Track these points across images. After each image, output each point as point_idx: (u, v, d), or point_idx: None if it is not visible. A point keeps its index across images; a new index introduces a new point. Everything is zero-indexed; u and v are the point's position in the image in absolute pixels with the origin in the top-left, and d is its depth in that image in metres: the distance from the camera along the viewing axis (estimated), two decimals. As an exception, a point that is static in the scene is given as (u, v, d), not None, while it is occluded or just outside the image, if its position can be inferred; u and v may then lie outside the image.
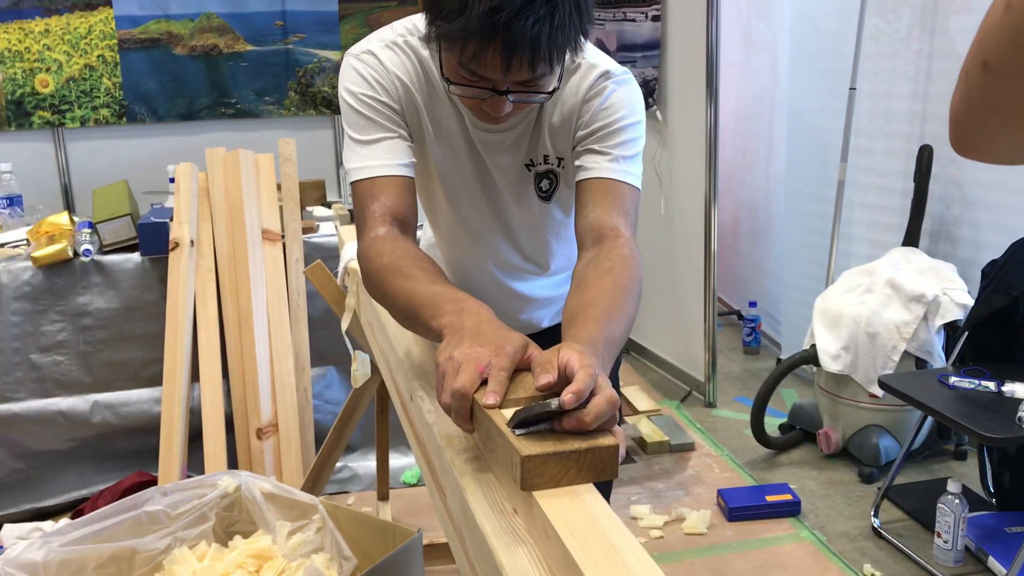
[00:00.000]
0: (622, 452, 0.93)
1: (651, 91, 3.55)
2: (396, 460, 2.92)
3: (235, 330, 2.81)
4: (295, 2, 3.73)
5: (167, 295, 2.75)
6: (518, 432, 0.92)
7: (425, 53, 1.36)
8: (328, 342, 2.98)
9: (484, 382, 1.00)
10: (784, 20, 3.70)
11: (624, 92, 1.37)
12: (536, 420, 0.92)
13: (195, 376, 2.78)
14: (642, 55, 3.58)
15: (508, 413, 0.95)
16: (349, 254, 2.09)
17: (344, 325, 2.05)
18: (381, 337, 1.62)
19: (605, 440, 0.91)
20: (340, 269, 2.15)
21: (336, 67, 3.81)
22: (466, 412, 1.00)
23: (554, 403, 0.90)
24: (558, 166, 1.44)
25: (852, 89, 3.19)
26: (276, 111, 3.81)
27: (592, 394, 0.93)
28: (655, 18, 3.46)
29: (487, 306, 1.15)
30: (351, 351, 2.12)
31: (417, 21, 1.37)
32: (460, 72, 1.20)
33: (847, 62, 3.22)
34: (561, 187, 1.47)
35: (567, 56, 1.19)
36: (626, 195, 1.34)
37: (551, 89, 1.26)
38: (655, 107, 3.53)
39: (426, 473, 1.26)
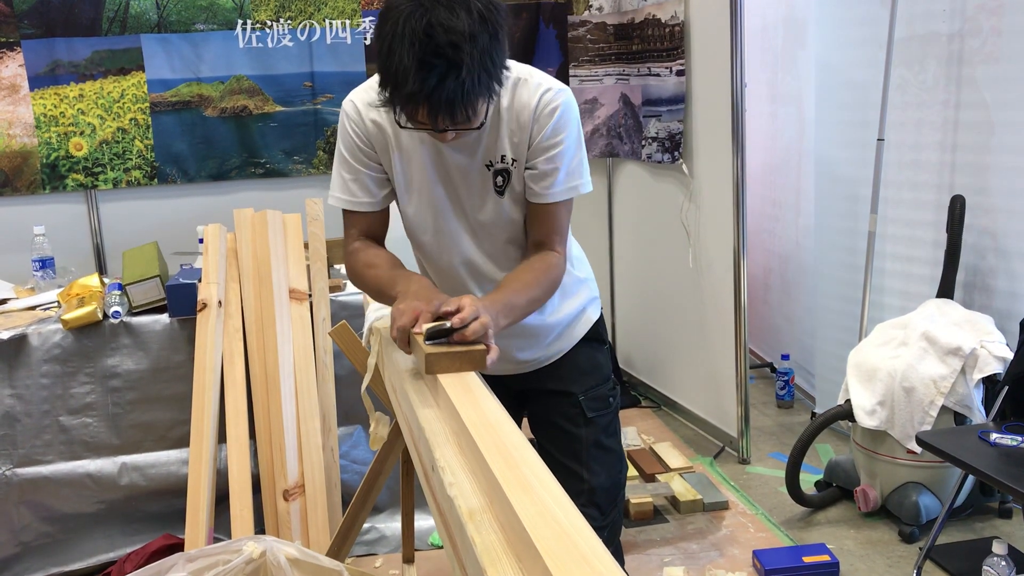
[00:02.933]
0: (492, 358, 1.48)
1: (676, 145, 3.54)
2: (423, 521, 2.88)
3: (262, 390, 2.81)
4: (323, 63, 3.79)
5: (195, 356, 2.76)
6: (428, 343, 1.49)
7: None
8: (355, 401, 2.96)
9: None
10: (809, 72, 3.69)
11: (566, 112, 1.68)
12: (439, 335, 1.49)
13: (222, 437, 2.77)
14: (667, 109, 3.58)
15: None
16: (374, 315, 2.09)
17: (364, 385, 2.04)
18: (404, 404, 1.60)
19: (478, 346, 1.49)
20: (365, 329, 2.14)
21: (364, 126, 3.84)
22: (405, 340, 1.56)
23: (448, 324, 1.48)
24: (512, 165, 1.71)
25: (880, 140, 3.16)
26: (305, 170, 3.86)
27: (476, 320, 1.49)
28: (679, 72, 3.47)
29: (427, 279, 1.71)
30: (371, 412, 2.10)
31: None
32: (407, 121, 1.53)
33: (874, 113, 3.20)
34: (512, 183, 1.73)
35: (485, 102, 1.52)
36: (562, 214, 1.75)
37: (479, 124, 1.56)
38: (681, 160, 3.52)
39: (447, 545, 1.23)
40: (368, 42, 3.80)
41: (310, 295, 2.92)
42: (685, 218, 3.55)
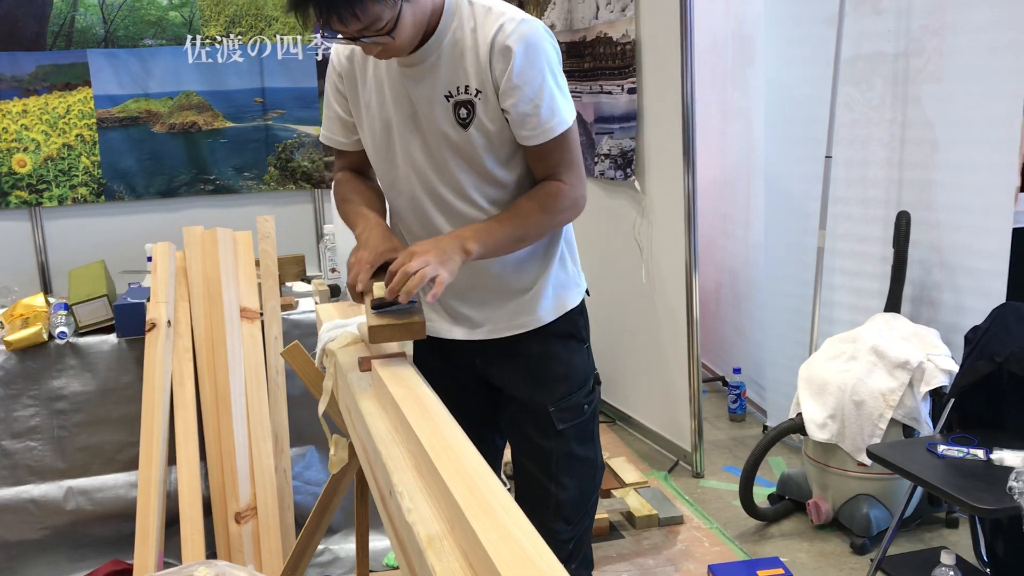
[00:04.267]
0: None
1: (629, 161, 3.57)
2: (377, 542, 2.85)
3: (213, 411, 2.76)
4: (274, 79, 3.76)
5: (144, 377, 2.70)
6: (375, 311, 1.58)
7: None
8: (307, 422, 2.93)
9: (379, 270, 1.64)
10: (758, 89, 3.75)
11: (528, 48, 1.59)
12: (384, 305, 1.58)
13: (172, 459, 2.72)
14: (619, 126, 3.61)
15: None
16: (327, 335, 2.06)
17: (321, 408, 2.01)
18: (360, 426, 1.58)
19: (416, 318, 1.57)
20: (318, 350, 2.11)
21: (315, 142, 3.82)
22: (357, 296, 1.64)
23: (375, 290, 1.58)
24: (476, 97, 1.63)
25: (828, 157, 3.22)
26: (256, 186, 3.82)
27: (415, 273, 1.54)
28: (631, 90, 3.50)
29: (380, 220, 1.74)
30: (328, 435, 2.08)
31: None
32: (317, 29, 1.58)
33: (822, 130, 3.26)
34: (479, 116, 1.65)
35: (375, 4, 1.46)
36: (558, 147, 1.66)
37: (385, 28, 1.50)
38: (633, 177, 3.55)
39: (405, 571, 1.22)
40: (320, 58, 3.78)
41: (261, 314, 2.88)
42: (638, 234, 3.58)
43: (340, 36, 1.53)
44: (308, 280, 3.37)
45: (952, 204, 2.99)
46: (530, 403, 1.84)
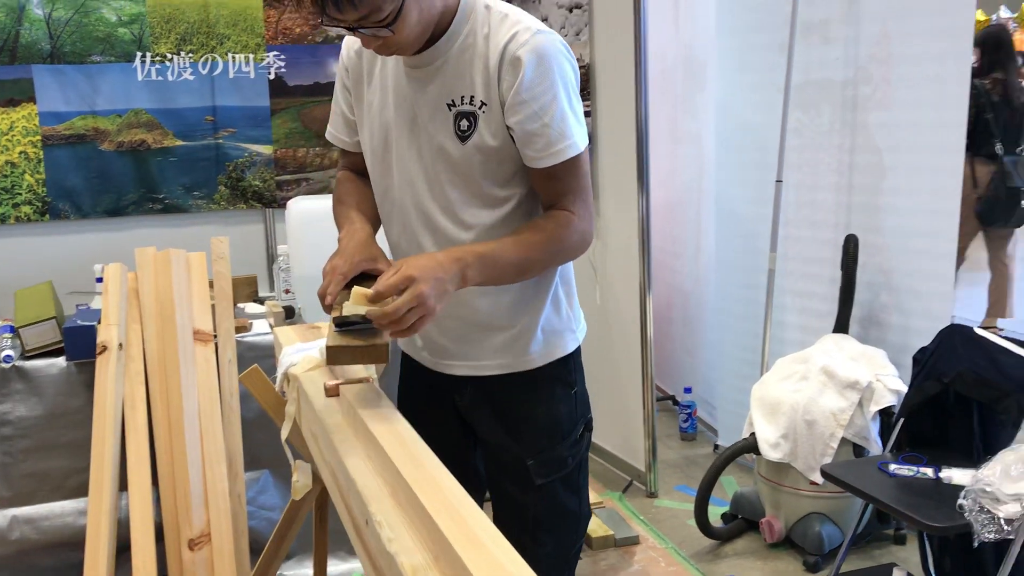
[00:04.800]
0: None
1: (584, 183, 3.60)
2: (334, 567, 2.82)
3: (165, 436, 2.70)
4: (225, 97, 3.71)
5: (94, 401, 2.63)
6: (338, 329, 1.46)
7: None
8: (262, 445, 2.89)
9: (355, 281, 1.52)
10: (708, 113, 3.82)
11: (540, 62, 1.46)
12: (349, 323, 1.44)
13: (123, 485, 2.65)
14: (574, 148, 3.64)
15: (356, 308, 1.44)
16: (288, 359, 2.03)
17: (284, 434, 1.98)
18: (328, 452, 1.56)
19: (379, 340, 1.43)
20: (279, 375, 2.08)
21: (267, 161, 3.79)
22: (327, 305, 1.49)
23: (362, 311, 1.42)
24: (480, 109, 1.51)
25: (779, 182, 3.28)
26: (206, 205, 3.76)
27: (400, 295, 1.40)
28: (585, 114, 3.53)
29: (364, 227, 1.63)
30: (291, 461, 2.05)
31: None
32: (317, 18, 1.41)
33: (772, 155, 3.33)
34: (481, 130, 1.52)
35: None
36: (568, 173, 1.53)
37: (385, 20, 1.39)
38: (588, 199, 3.59)
39: (385, 603, 1.21)
40: (272, 76, 3.74)
41: (215, 336, 2.84)
42: (592, 255, 3.61)
43: (337, 25, 1.42)
44: (261, 301, 3.33)
45: (899, 228, 3.07)
46: (507, 454, 1.71)
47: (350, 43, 1.67)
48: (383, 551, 1.16)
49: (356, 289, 1.46)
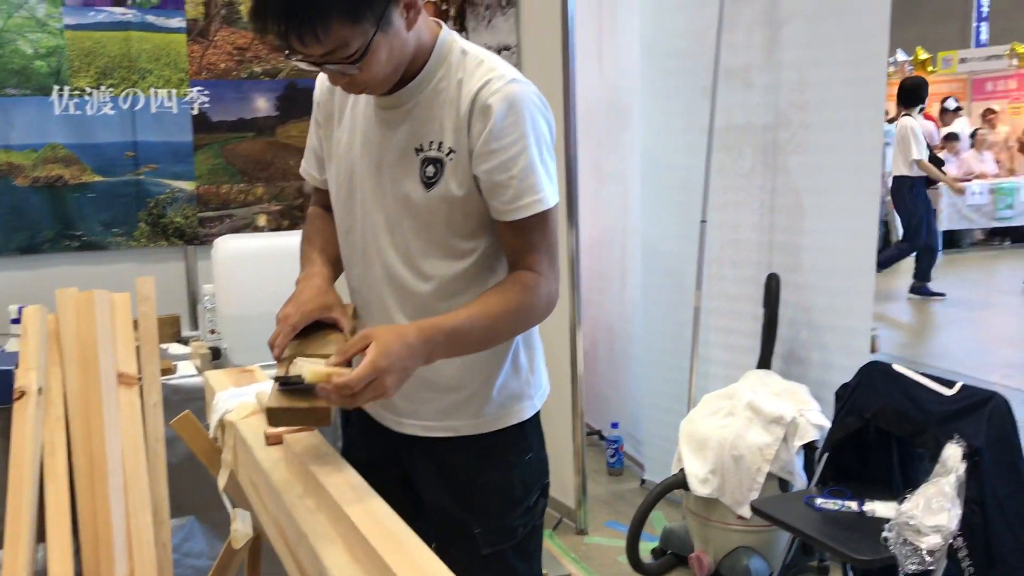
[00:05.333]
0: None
1: (512, 222, 3.63)
2: (266, 616, 2.74)
3: (87, 483, 2.61)
4: (147, 133, 3.63)
5: (11, 448, 2.53)
6: (280, 388, 1.40)
7: None
8: (187, 490, 2.80)
9: (307, 331, 1.50)
10: (633, 154, 3.90)
11: (511, 110, 1.42)
12: (291, 382, 1.39)
13: (41, 536, 2.54)
14: (502, 187, 3.67)
15: (308, 363, 1.38)
16: (223, 406, 1.99)
17: (221, 483, 1.94)
18: (273, 504, 1.53)
19: (321, 403, 1.36)
20: (213, 421, 2.04)
21: (189, 198, 3.72)
22: (276, 356, 1.46)
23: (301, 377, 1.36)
24: (447, 156, 1.47)
25: (703, 222, 3.37)
26: (125, 243, 3.66)
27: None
28: (515, 152, 3.57)
29: (323, 271, 1.60)
30: (230, 509, 2.00)
31: None
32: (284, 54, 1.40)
33: (695, 195, 3.42)
34: (447, 179, 1.47)
35: (348, 26, 1.32)
36: (534, 229, 1.47)
37: (352, 57, 1.36)
38: (517, 237, 3.61)
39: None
40: (195, 111, 3.68)
41: (140, 379, 2.76)
42: (522, 293, 3.63)
43: (302, 59, 1.37)
44: (184, 341, 3.25)
45: (818, 267, 3.18)
46: (453, 520, 1.63)
47: (324, 78, 1.61)
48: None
49: (311, 365, 1.38)
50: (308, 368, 1.36)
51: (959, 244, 11.11)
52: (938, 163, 8.80)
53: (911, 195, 7.65)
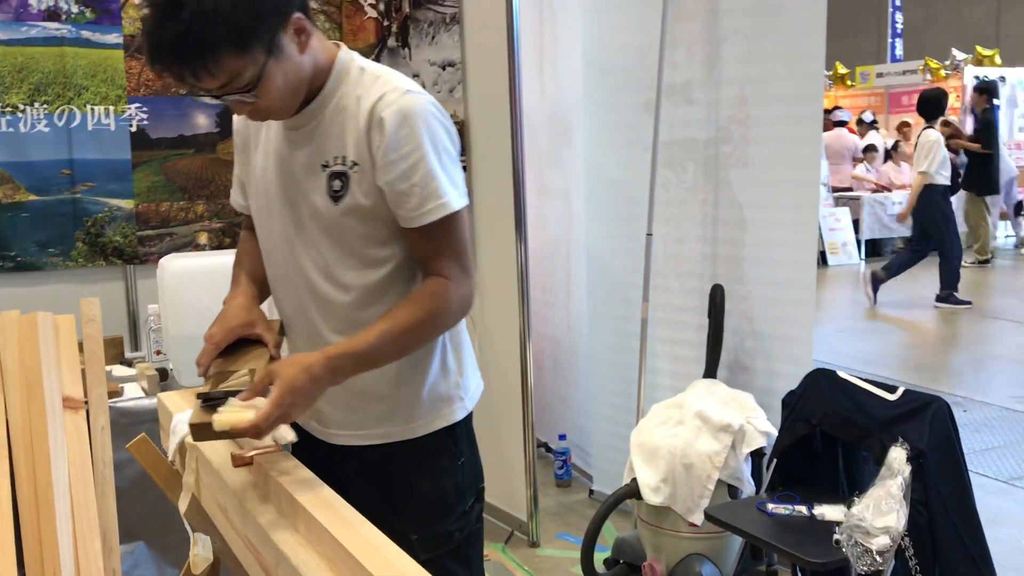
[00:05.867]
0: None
1: (459, 237, 3.65)
2: (222, 641, 2.69)
3: (32, 511, 2.53)
4: (84, 150, 3.56)
5: (-49, 479, 2.44)
6: (203, 405, 1.50)
7: None
8: (137, 516, 2.74)
9: (232, 348, 1.60)
10: (576, 169, 3.95)
11: (406, 121, 1.48)
12: (213, 398, 1.49)
13: (-17, 568, 2.46)
14: (448, 202, 3.68)
15: (225, 411, 1.46)
16: (184, 428, 1.96)
17: (182, 507, 1.91)
18: (247, 527, 1.52)
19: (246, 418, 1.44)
20: (173, 445, 2.01)
21: (128, 216, 3.65)
22: (202, 375, 1.57)
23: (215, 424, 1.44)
24: (352, 169, 1.52)
25: (649, 235, 3.43)
26: (62, 263, 3.58)
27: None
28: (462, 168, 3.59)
29: (247, 290, 1.68)
30: (190, 533, 1.97)
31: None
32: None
33: (639, 209, 3.48)
34: (353, 191, 1.52)
35: (239, 57, 1.39)
36: (440, 234, 1.52)
37: (246, 87, 1.43)
38: (465, 252, 3.63)
39: None
40: (134, 129, 3.62)
41: (86, 402, 2.69)
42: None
43: (203, 93, 1.47)
44: (127, 363, 3.19)
45: (761, 278, 3.26)
46: (389, 528, 1.61)
47: None
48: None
49: (223, 416, 1.47)
50: (216, 419, 1.44)
51: (880, 252, 11.47)
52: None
53: (931, 203, 7.78)
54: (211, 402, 1.49)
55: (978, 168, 10.19)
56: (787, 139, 3.12)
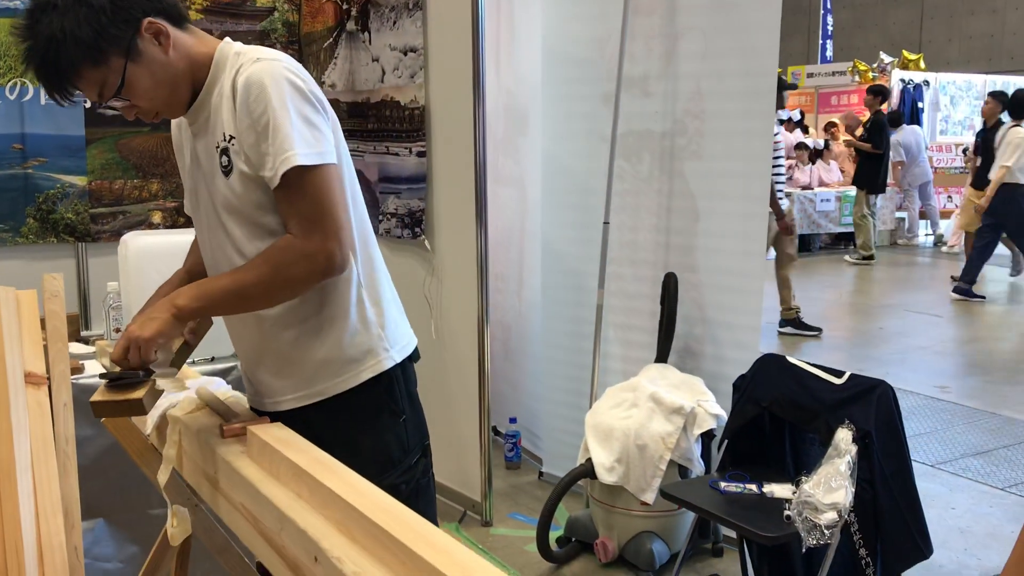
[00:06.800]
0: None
1: (417, 221, 3.69)
2: (187, 616, 2.71)
3: (-7, 488, 2.51)
4: (36, 125, 3.51)
5: (-90, 453, 2.41)
6: (107, 385, 1.66)
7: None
8: (97, 493, 2.74)
9: None
10: (532, 158, 4.02)
11: (259, 87, 1.55)
12: (117, 378, 1.64)
13: (-58, 544, 2.44)
14: (407, 187, 3.72)
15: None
16: (166, 401, 1.98)
17: (163, 479, 1.93)
18: (243, 494, 1.55)
19: (134, 394, 1.59)
20: (152, 419, 2.02)
21: (81, 193, 3.60)
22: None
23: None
24: (230, 142, 1.62)
25: (606, 224, 3.52)
26: (11, 239, 3.52)
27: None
28: (420, 153, 3.63)
29: (173, 282, 1.86)
30: (169, 506, 1.99)
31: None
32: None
33: (595, 198, 3.57)
34: (236, 163, 1.61)
35: (92, 71, 1.52)
36: (288, 191, 1.57)
37: (116, 93, 1.56)
38: (423, 237, 3.67)
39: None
40: (88, 104, 3.57)
41: (48, 378, 2.67)
42: (428, 291, 3.69)
43: (85, 98, 1.60)
44: (84, 341, 3.16)
45: (712, 267, 3.38)
46: None
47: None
48: (347, 584, 1.19)
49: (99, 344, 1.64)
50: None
51: (810, 248, 11.81)
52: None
53: (1013, 199, 8.00)
54: (113, 382, 1.65)
55: (868, 167, 10.60)
56: (740, 133, 3.23)
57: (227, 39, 1.70)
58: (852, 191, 11.12)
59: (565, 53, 3.72)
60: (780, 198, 5.94)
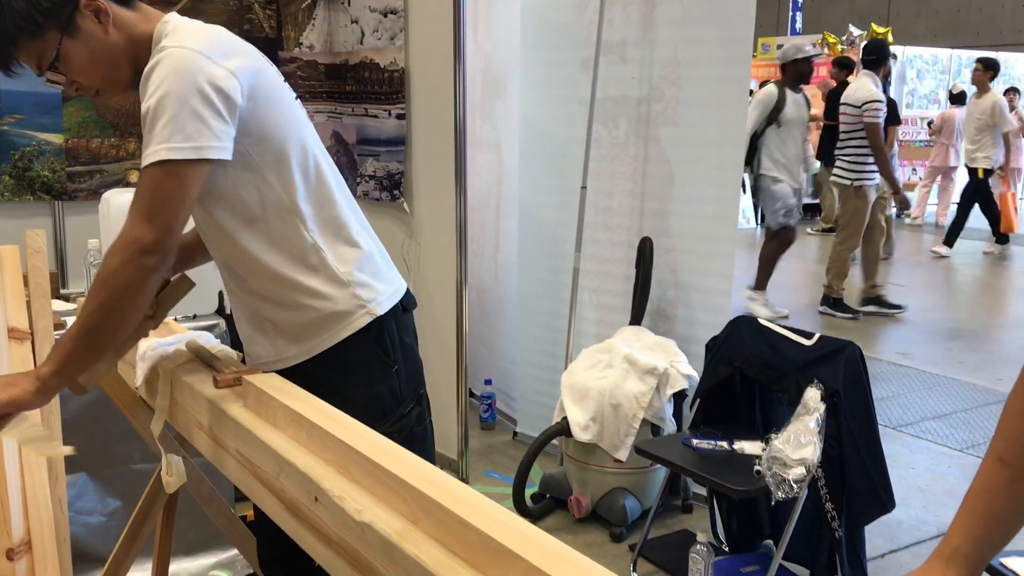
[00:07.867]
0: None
1: (396, 183, 3.72)
2: (177, 564, 2.76)
3: (-23, 441, 2.54)
4: (11, 81, 3.46)
5: None
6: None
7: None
8: (80, 447, 2.73)
9: None
10: (508, 122, 4.05)
11: (153, 76, 1.51)
12: None
13: (-72, 496, 2.46)
14: (386, 150, 3.75)
15: None
16: (154, 354, 2.01)
17: (156, 429, 1.97)
18: (239, 440, 1.60)
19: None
20: (142, 372, 2.05)
21: (57, 151, 3.59)
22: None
23: None
24: None
25: (583, 188, 3.57)
26: (-13, 196, 3.50)
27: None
28: (400, 116, 3.66)
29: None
30: (162, 455, 2.03)
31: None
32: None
33: (572, 163, 3.62)
34: None
35: (30, 43, 1.55)
36: (142, 184, 1.53)
37: (51, 66, 1.59)
38: (402, 199, 3.70)
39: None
40: (64, 62, 3.55)
41: (32, 333, 2.69)
42: (406, 253, 3.73)
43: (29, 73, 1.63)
44: (65, 298, 3.17)
45: (685, 232, 3.45)
46: None
47: None
48: (350, 524, 1.24)
49: None
50: None
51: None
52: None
53: None
54: None
55: (828, 140, 10.72)
56: (715, 100, 3.29)
57: (170, 15, 1.65)
58: (817, 164, 11.25)
59: (544, 18, 3.75)
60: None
